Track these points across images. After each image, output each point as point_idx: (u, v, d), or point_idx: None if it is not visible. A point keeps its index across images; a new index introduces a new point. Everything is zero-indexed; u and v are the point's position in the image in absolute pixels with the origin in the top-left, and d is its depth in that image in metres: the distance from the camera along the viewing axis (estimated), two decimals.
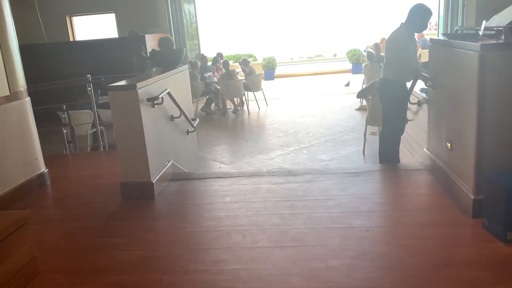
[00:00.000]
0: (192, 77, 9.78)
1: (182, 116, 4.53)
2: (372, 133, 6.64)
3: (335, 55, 18.10)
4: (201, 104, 10.29)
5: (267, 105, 10.69)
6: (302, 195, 3.58)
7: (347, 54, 15.88)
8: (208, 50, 14.20)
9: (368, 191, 3.69)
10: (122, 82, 3.83)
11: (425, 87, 4.15)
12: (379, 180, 3.99)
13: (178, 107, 4.33)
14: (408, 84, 4.23)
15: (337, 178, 3.96)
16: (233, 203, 3.45)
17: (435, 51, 3.76)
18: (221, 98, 9.85)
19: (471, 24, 8.63)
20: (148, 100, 3.68)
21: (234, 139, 7.74)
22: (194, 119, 5.15)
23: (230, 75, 9.60)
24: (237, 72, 10.70)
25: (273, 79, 15.72)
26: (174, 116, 4.39)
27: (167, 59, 4.66)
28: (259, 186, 3.83)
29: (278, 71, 16.45)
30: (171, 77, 4.44)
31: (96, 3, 10.07)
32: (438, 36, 11.37)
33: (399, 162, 4.42)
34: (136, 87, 3.53)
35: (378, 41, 16.00)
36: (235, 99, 10.03)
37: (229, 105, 10.52)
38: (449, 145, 3.30)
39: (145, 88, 3.71)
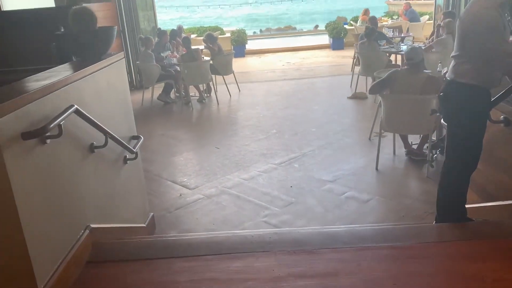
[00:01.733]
0: (145, 57, 7.80)
1: (112, 141, 2.71)
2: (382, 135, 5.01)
3: (317, 26, 16.25)
4: (158, 91, 8.35)
5: (240, 90, 8.86)
6: None
7: (326, 27, 14.10)
8: (167, 23, 12.09)
9: None
10: None
11: None
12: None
13: (100, 129, 2.51)
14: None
15: (384, 263, 2.28)
16: None
17: None
18: (183, 84, 7.95)
19: None
20: (25, 135, 1.85)
21: (200, 143, 5.92)
22: (136, 138, 3.33)
23: (192, 55, 7.68)
24: (202, 51, 8.76)
25: (244, 56, 13.81)
26: (96, 144, 2.57)
27: (81, 46, 2.79)
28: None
29: (248, 46, 14.53)
30: (88, 78, 2.59)
31: None
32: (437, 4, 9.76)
33: (466, 215, 2.78)
34: None
35: (360, 14, 14.36)
36: (200, 85, 8.15)
37: (194, 91, 8.63)
38: None
39: (21, 111, 1.87)
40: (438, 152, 3.98)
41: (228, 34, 14.25)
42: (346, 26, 13.90)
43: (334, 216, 3.71)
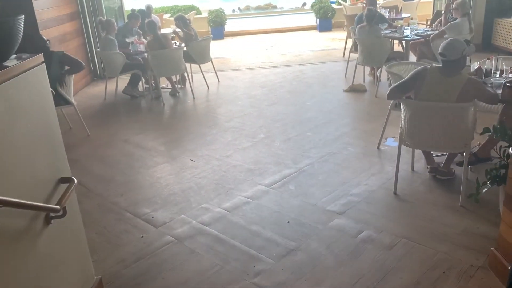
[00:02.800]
0: (106, 44, 6.60)
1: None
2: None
3: (304, 4, 15.05)
4: (123, 83, 7.18)
5: (219, 81, 7.75)
6: None
7: (312, 6, 12.96)
8: (137, 1, 10.77)
9: None
10: None
11: None
12: None
13: None
14: None
15: None
16: None
17: None
18: (152, 75, 6.80)
19: None
20: None
21: (172, 153, 4.83)
22: (66, 181, 2.25)
23: (160, 41, 6.50)
24: (174, 35, 7.58)
25: (223, 38, 12.62)
26: None
27: None
28: None
29: (227, 27, 13.32)
30: None
31: None
32: None
33: None
34: None
35: None
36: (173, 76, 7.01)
37: (166, 82, 7.49)
38: None
39: None
40: (490, 184, 2.84)
41: (205, 14, 12.99)
42: (334, 5, 12.80)
43: (351, 273, 2.73)
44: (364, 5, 9.07)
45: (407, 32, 6.56)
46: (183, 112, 6.26)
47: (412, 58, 6.77)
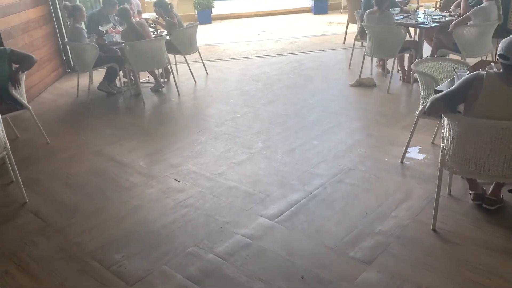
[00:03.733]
0: (74, 34, 5.70)
1: None
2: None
3: None
4: (99, 76, 6.30)
5: (207, 74, 6.89)
6: None
7: None
8: None
9: None
10: None
11: None
12: None
13: None
14: None
15: None
16: None
17: None
18: (130, 69, 5.91)
19: None
20: None
21: (152, 170, 4.00)
22: None
23: (135, 31, 5.60)
24: (154, 24, 6.67)
25: (210, 23, 11.66)
26: None
27: None
28: None
29: (215, 10, 12.34)
30: None
31: None
32: None
33: None
34: None
35: None
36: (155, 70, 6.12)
37: (147, 76, 6.62)
38: None
39: None
40: None
41: None
42: None
43: None
44: None
45: (420, 17, 5.75)
46: (166, 114, 5.40)
47: (426, 48, 5.98)
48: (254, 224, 3.04)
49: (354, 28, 8.38)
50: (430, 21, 5.44)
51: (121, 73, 6.24)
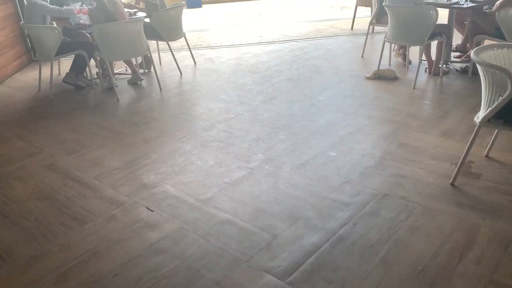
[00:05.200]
0: (31, 13, 4.67)
1: None
2: None
3: None
4: (66, 65, 5.27)
5: (195, 63, 5.88)
6: None
7: None
8: None
9: None
10: None
11: None
12: None
13: None
14: None
15: None
16: None
17: None
18: (101, 57, 4.88)
19: None
20: None
21: (119, 191, 3.01)
22: None
23: (105, 10, 4.57)
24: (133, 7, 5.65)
25: (200, 7, 10.60)
26: None
27: None
28: None
29: None
30: None
31: None
32: None
33: None
34: None
35: None
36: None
37: (124, 65, 5.61)
38: None
39: None
40: None
41: None
42: None
43: None
44: None
45: None
46: (144, 113, 4.40)
47: (456, 34, 5.02)
48: (257, 287, 2.08)
49: (363, 12, 7.40)
50: (467, 1, 4.47)
51: (93, 62, 5.22)
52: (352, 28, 7.21)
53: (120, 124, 4.16)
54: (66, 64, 5.57)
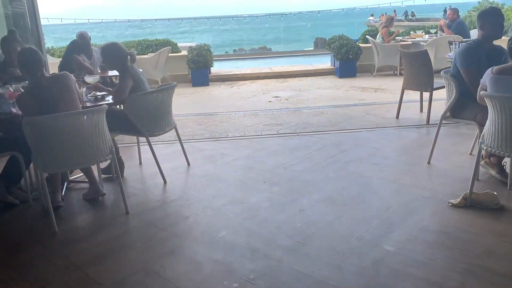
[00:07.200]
0: None
1: None
2: None
3: (317, 43, 11.77)
4: None
5: (189, 165, 4.16)
6: None
7: (329, 43, 9.66)
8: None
9: None
10: None
11: None
12: None
13: None
14: None
15: None
16: None
17: None
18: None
19: None
20: None
21: None
22: None
23: (38, 93, 2.92)
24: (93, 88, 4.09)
25: (208, 85, 9.18)
26: None
27: None
28: None
29: (214, 70, 9.98)
30: None
31: None
32: None
33: None
34: None
35: (381, 20, 10.08)
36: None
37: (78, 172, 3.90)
38: None
39: None
40: None
41: (184, 52, 9.61)
42: (359, 43, 9.53)
43: None
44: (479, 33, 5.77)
45: None
46: (87, 266, 2.58)
47: None
48: None
49: (405, 96, 5.78)
50: None
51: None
52: (397, 117, 5.56)
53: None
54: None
